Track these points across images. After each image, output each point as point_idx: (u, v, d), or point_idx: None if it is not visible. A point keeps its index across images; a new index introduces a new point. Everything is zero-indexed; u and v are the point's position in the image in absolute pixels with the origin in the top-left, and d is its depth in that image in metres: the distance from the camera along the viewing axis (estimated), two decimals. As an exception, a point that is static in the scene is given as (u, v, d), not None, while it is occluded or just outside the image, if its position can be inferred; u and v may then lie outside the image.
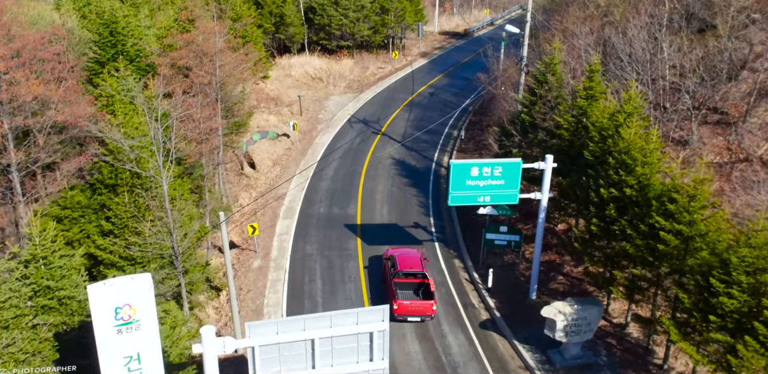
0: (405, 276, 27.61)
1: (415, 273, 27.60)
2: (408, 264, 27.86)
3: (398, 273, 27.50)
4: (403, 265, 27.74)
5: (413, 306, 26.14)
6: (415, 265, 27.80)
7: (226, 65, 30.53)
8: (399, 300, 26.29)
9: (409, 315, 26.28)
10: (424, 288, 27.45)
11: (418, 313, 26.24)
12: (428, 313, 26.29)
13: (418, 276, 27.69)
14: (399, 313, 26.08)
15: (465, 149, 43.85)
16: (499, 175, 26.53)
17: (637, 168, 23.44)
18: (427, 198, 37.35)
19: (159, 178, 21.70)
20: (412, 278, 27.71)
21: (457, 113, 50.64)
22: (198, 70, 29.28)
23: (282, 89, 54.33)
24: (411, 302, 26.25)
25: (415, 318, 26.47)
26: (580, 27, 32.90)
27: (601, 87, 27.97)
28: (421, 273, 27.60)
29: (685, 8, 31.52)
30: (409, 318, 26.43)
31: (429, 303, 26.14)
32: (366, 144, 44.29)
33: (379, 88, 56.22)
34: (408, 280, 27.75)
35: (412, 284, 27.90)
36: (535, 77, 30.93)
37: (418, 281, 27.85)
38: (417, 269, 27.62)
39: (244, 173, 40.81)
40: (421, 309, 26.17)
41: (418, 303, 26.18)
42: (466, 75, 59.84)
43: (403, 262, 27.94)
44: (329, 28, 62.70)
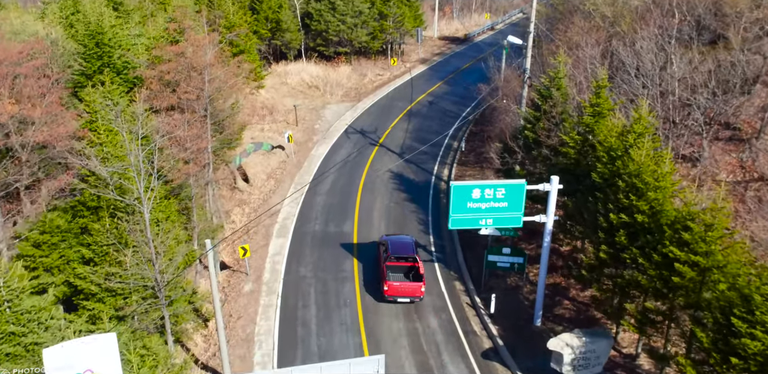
0: (396, 260, 28.84)
1: (406, 257, 28.85)
2: (399, 248, 29.25)
3: (390, 257, 28.72)
4: (395, 249, 29.06)
5: (402, 288, 27.52)
6: (406, 249, 29.15)
7: (216, 79, 29.13)
8: (389, 281, 27.65)
9: (398, 296, 27.60)
10: (414, 272, 28.67)
11: (407, 294, 27.61)
12: (417, 294, 27.59)
13: (409, 260, 28.91)
14: (389, 294, 27.52)
15: (465, 162, 42.50)
16: (502, 197, 25.19)
17: (648, 192, 22.09)
18: (426, 215, 35.98)
19: (140, 206, 20.29)
20: (403, 262, 28.92)
21: (457, 123, 49.30)
22: (186, 85, 27.89)
23: (277, 98, 52.95)
24: (400, 283, 27.62)
25: (405, 299, 27.71)
26: (586, 38, 31.55)
27: (609, 103, 26.64)
28: (412, 257, 28.81)
29: (695, 19, 30.17)
30: (398, 299, 27.67)
31: (418, 284, 27.54)
32: (363, 156, 42.91)
33: (377, 97, 54.87)
34: (399, 264, 28.95)
35: (402, 267, 29.07)
36: (539, 92, 29.58)
37: (408, 264, 29.03)
38: (408, 253, 28.91)
39: (238, 187, 39.43)
40: (410, 291, 27.58)
41: (407, 285, 27.60)
42: (466, 82, 58.53)
43: (395, 247, 29.32)
44: (326, 34, 61.35)
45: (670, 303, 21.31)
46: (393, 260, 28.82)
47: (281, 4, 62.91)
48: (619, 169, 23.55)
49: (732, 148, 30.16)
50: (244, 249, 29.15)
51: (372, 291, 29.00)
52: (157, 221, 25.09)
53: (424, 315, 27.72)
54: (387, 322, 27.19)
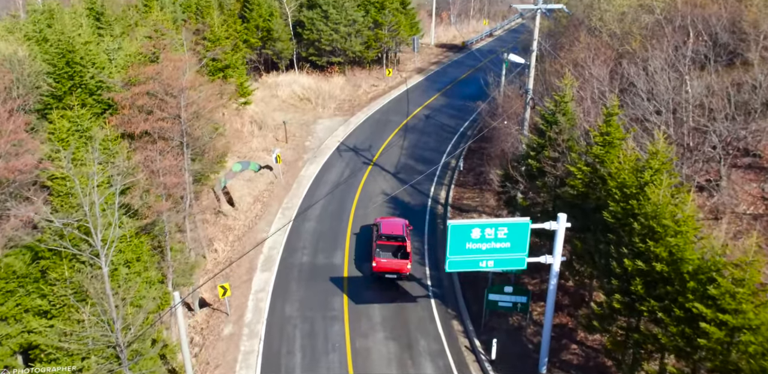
0: (387, 239, 30.75)
1: (396, 237, 30.78)
2: (390, 229, 31.18)
3: (381, 236, 30.74)
4: (386, 230, 31.05)
5: (390, 264, 29.47)
6: (396, 230, 31.06)
7: (194, 104, 26.82)
8: (377, 258, 29.58)
9: (386, 272, 29.61)
10: (402, 251, 30.46)
11: (394, 270, 29.56)
12: (403, 271, 29.62)
13: (398, 240, 30.75)
14: (377, 270, 29.54)
15: (464, 182, 40.22)
16: (504, 237, 22.99)
17: (668, 238, 19.85)
18: (422, 243, 33.71)
19: (97, 260, 18.00)
20: (393, 241, 30.74)
21: (454, 139, 47.07)
22: (160, 111, 25.59)
23: (267, 112, 50.64)
24: (388, 260, 29.59)
25: (392, 275, 29.72)
26: (593, 57, 29.31)
27: (620, 132, 24.36)
28: (401, 237, 30.71)
29: (711, 38, 27.93)
30: (386, 275, 29.70)
31: (404, 262, 29.57)
32: (356, 176, 40.63)
33: (372, 110, 52.59)
34: (389, 243, 30.74)
35: (391, 246, 30.76)
36: (543, 116, 27.31)
37: (397, 244, 30.77)
38: (397, 233, 30.85)
39: (222, 212, 37.13)
40: (397, 267, 29.52)
41: (394, 262, 29.57)
42: (464, 94, 56.34)
43: (386, 227, 31.28)
44: (319, 44, 59.09)
45: (694, 364, 19.06)
46: (383, 239, 30.73)
47: (272, 12, 60.73)
48: (634, 208, 21.32)
49: (752, 176, 27.96)
50: (224, 288, 26.86)
51: (362, 332, 26.74)
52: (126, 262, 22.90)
53: (420, 361, 25.47)
54: (378, 369, 24.94)
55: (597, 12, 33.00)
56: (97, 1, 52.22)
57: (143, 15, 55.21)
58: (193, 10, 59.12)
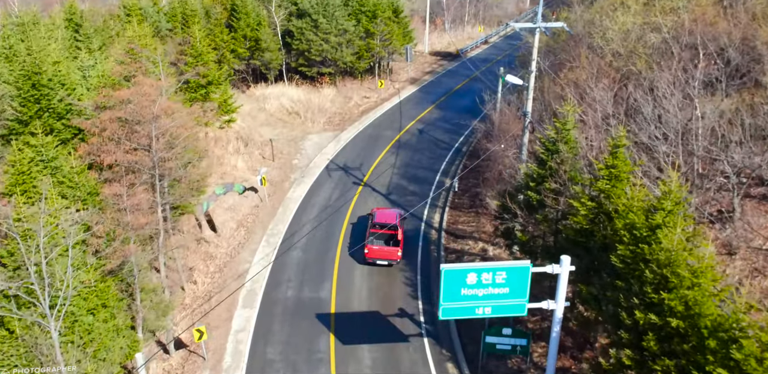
0: (380, 228, 32.06)
1: (389, 226, 32.11)
2: (383, 218, 32.84)
3: (374, 225, 32.29)
4: (379, 219, 32.71)
5: (381, 251, 31.24)
6: (389, 220, 32.58)
7: (168, 132, 24.81)
8: (369, 245, 31.29)
9: (377, 259, 31.33)
10: (393, 239, 32.22)
11: (384, 257, 31.31)
12: (393, 258, 31.32)
13: (390, 229, 32.08)
14: (369, 256, 31.33)
15: (459, 205, 38.28)
16: (503, 282, 21.00)
17: (683, 290, 17.96)
18: (414, 273, 31.77)
19: (46, 325, 15.99)
20: (387, 230, 31.99)
21: (449, 156, 45.15)
22: (129, 142, 23.58)
23: (254, 127, 48.65)
24: (380, 248, 31.32)
25: (383, 262, 31.38)
26: (595, 78, 27.42)
27: (628, 165, 22.47)
28: (393, 225, 32.16)
29: (723, 60, 26.05)
30: (377, 261, 31.36)
31: (395, 249, 31.26)
32: (345, 198, 38.66)
33: (363, 124, 50.62)
34: (382, 231, 32.07)
35: (384, 235, 32.29)
36: (543, 144, 25.40)
37: (389, 232, 32.20)
38: (390, 222, 32.30)
39: (204, 238, 35.11)
40: (387, 255, 31.28)
41: (385, 249, 31.29)
42: (459, 106, 54.50)
43: (380, 217, 33.02)
44: (309, 54, 57.09)
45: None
46: (377, 228, 32.17)
47: (260, 21, 58.77)
48: (645, 253, 19.41)
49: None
50: (200, 332, 24.84)
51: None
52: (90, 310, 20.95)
53: (411, 412, 23.52)
54: (367, 422, 22.99)
55: (599, 29, 31.11)
56: (77, 11, 50.31)
57: (125, 25, 53.24)
58: (179, 20, 57.22)
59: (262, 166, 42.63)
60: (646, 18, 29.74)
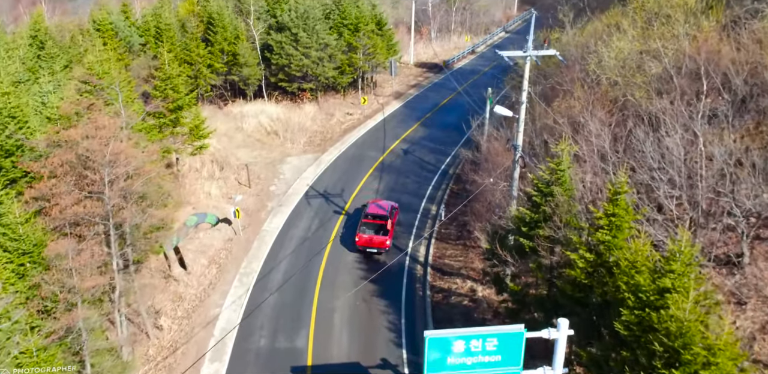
0: (373, 218, 34.25)
1: (379, 216, 34.32)
2: (375, 209, 35.00)
3: (367, 215, 34.47)
4: (372, 210, 34.90)
5: (370, 240, 33.04)
6: (381, 211, 34.77)
7: (125, 176, 22.44)
8: (360, 233, 33.25)
9: (367, 247, 33.12)
10: (383, 229, 33.85)
11: (374, 245, 33.12)
12: (383, 246, 33.16)
13: (382, 219, 34.09)
14: (359, 244, 33.18)
15: (446, 236, 36.08)
16: (494, 350, 18.84)
17: (696, 366, 15.86)
18: (398, 316, 29.54)
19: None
20: (378, 220, 34.11)
21: (435, 179, 42.97)
22: (79, 190, 21.20)
23: (230, 149, 46.32)
24: (369, 236, 33.16)
25: (372, 250, 33.21)
26: (591, 109, 25.35)
27: (630, 213, 20.37)
28: (384, 216, 34.24)
29: (730, 92, 24.00)
30: (367, 249, 33.20)
31: (384, 238, 33.15)
32: (326, 230, 36.37)
33: (345, 144, 48.35)
34: (373, 221, 34.12)
35: (375, 225, 34.04)
36: (536, 186, 23.27)
37: (380, 223, 34.01)
38: (381, 213, 34.48)
39: (173, 276, 32.74)
40: (377, 243, 33.10)
41: (375, 238, 33.15)
42: (445, 123, 52.46)
43: (372, 208, 35.18)
44: (289, 69, 54.77)
45: None
46: (369, 218, 34.26)
47: (238, 35, 56.46)
48: (653, 320, 17.31)
49: (779, 252, 24.06)
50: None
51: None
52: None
53: None
54: None
55: (593, 55, 28.99)
56: (42, 28, 47.75)
57: (92, 43, 50.77)
58: (152, 34, 54.80)
59: (237, 193, 40.30)
60: (644, 44, 27.69)
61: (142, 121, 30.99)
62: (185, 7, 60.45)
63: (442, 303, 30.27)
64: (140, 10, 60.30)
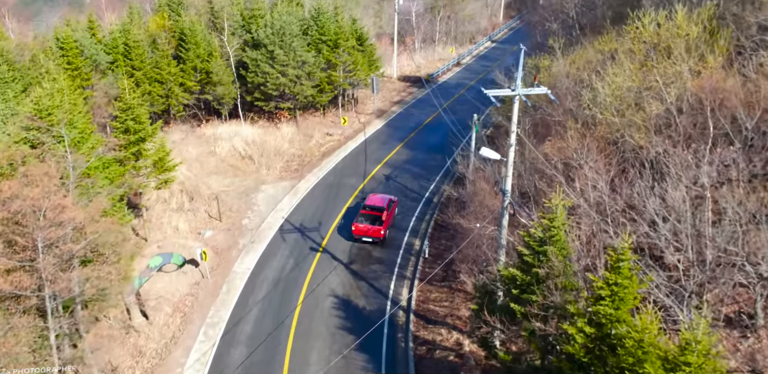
0: (371, 210, 36.33)
1: (377, 208, 36.35)
2: (373, 202, 37.08)
3: (365, 207, 36.58)
4: (369, 202, 37.04)
5: (366, 229, 35.20)
6: (378, 203, 36.78)
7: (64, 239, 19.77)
8: (356, 223, 35.42)
9: (363, 236, 35.38)
10: (379, 220, 35.87)
11: (369, 235, 35.29)
12: (377, 236, 35.27)
13: (378, 211, 36.18)
14: (355, 233, 35.41)
15: (431, 277, 33.55)
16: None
17: None
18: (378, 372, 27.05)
19: None
20: (375, 212, 36.18)
21: (419, 209, 40.50)
22: (7, 259, 18.51)
23: (201, 176, 43.61)
24: (365, 226, 35.23)
25: (368, 239, 35.40)
26: (585, 150, 23.01)
27: (635, 283, 18.00)
28: (380, 208, 36.28)
29: (741, 139, 21.67)
30: (363, 238, 35.42)
31: (378, 228, 35.15)
32: (301, 270, 33.82)
33: (324, 170, 45.78)
34: (370, 213, 36.20)
35: (371, 215, 36.11)
36: (528, 245, 20.86)
37: (376, 214, 36.09)
38: (378, 205, 36.50)
39: (133, 326, 30.05)
40: (372, 232, 35.22)
41: (370, 227, 35.21)
42: (429, 144, 50.19)
43: (370, 200, 37.35)
44: (265, 88, 52.13)
45: None
46: (366, 210, 36.35)
47: (212, 52, 53.70)
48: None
49: (796, 313, 21.79)
50: None
51: None
52: None
53: None
54: None
55: (587, 90, 26.57)
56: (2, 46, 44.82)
57: (59, 59, 47.94)
58: (120, 51, 51.97)
59: (207, 228, 37.70)
60: (644, 80, 25.37)
61: (100, 155, 28.28)
62: (156, 21, 57.57)
63: (426, 358, 27.82)
64: (108, 26, 57.36)
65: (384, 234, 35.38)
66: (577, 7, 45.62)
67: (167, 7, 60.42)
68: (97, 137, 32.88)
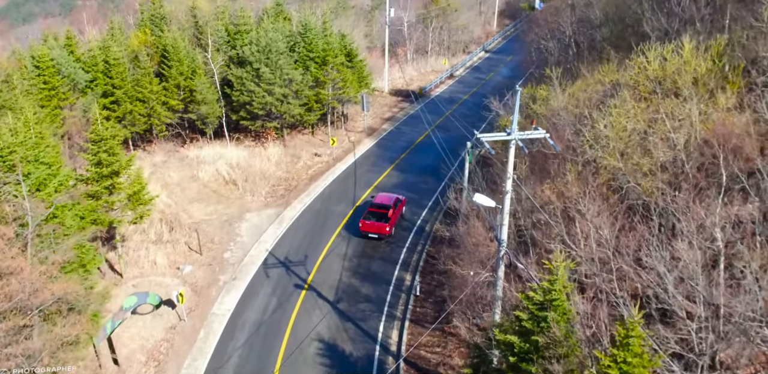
0: (378, 208, 38.09)
1: (384, 206, 38.14)
2: (380, 200, 39.02)
3: (373, 205, 38.42)
4: (377, 201, 38.94)
5: (372, 226, 36.91)
6: (384, 202, 38.63)
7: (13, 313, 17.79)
8: (363, 220, 37.15)
9: (369, 232, 37.07)
10: (385, 217, 37.42)
11: (375, 231, 37.04)
12: (383, 232, 36.98)
13: (384, 209, 37.91)
14: (362, 230, 37.20)
15: (422, 316, 31.77)
16: None
17: None
18: (366, 431, 25.20)
19: None
20: (379, 210, 37.95)
21: (410, 239, 38.65)
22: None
23: (183, 203, 41.71)
24: (371, 223, 36.91)
25: (374, 235, 37.15)
26: (587, 200, 21.22)
27: (646, 361, 16.22)
28: (387, 206, 38.05)
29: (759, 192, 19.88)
30: (369, 234, 37.14)
31: (384, 224, 36.84)
32: (284, 310, 31.92)
33: (311, 196, 43.86)
34: (377, 210, 37.96)
35: (378, 213, 37.84)
36: (527, 309, 19.04)
37: (382, 212, 37.79)
38: (385, 204, 38.32)
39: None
40: (377, 228, 36.98)
41: (375, 224, 36.92)
42: (421, 166, 48.44)
43: (378, 199, 39.26)
44: (250, 107, 50.24)
45: None
46: (373, 207, 38.24)
47: (195, 69, 51.76)
48: None
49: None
50: None
51: None
52: None
53: None
54: None
55: (588, 130, 24.67)
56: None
57: (35, 79, 46.01)
58: (100, 69, 49.99)
59: (186, 262, 35.75)
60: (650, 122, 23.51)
61: (62, 203, 26.31)
62: (138, 36, 55.62)
63: (417, 413, 25.98)
64: (88, 43, 55.29)
65: (390, 231, 37.22)
66: (574, 25, 43.89)
67: (149, 22, 58.44)
68: (67, 172, 30.94)
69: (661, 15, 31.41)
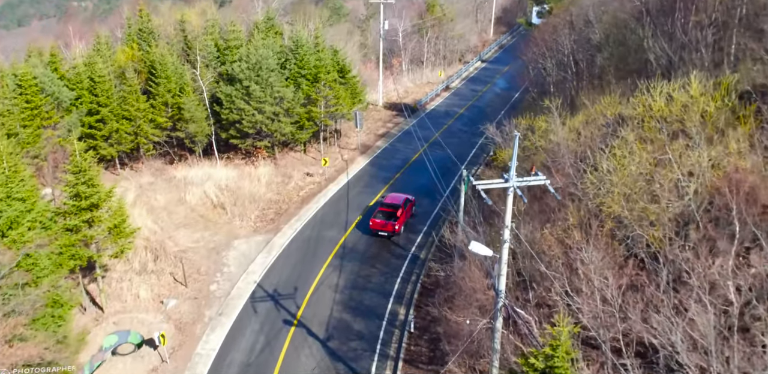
0: (387, 207, 39.83)
1: (392, 205, 39.89)
2: (390, 200, 40.77)
3: (383, 204, 40.27)
4: (387, 200, 40.74)
5: (382, 224, 38.76)
6: (394, 201, 40.36)
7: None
8: (373, 218, 39.09)
9: (379, 230, 38.94)
10: (394, 216, 39.10)
11: (384, 229, 38.83)
12: (391, 230, 38.73)
13: (394, 208, 39.58)
14: (372, 228, 39.05)
15: (415, 355, 30.37)
16: None
17: None
18: None
19: None
20: (390, 209, 39.68)
21: (404, 268, 37.28)
22: None
23: (169, 228, 40.26)
24: (381, 221, 38.80)
25: (383, 233, 38.98)
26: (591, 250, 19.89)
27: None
28: (397, 205, 39.72)
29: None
30: (379, 232, 39.01)
31: (393, 223, 38.61)
32: (272, 350, 30.49)
33: (302, 221, 42.43)
34: (386, 209, 39.73)
35: (387, 212, 39.56)
36: (528, 364, 17.69)
37: (391, 211, 39.50)
38: (395, 203, 40.04)
39: (80, 425, 26.65)
40: (387, 227, 38.78)
41: (385, 222, 38.76)
42: (416, 185, 47.11)
43: (388, 199, 41.04)
44: (240, 126, 48.85)
45: None
46: (384, 207, 39.84)
47: (183, 86, 50.36)
48: None
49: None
50: None
51: None
52: None
53: None
54: None
55: (590, 172, 23.31)
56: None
57: (16, 99, 44.52)
58: (85, 87, 48.57)
59: (171, 295, 34.32)
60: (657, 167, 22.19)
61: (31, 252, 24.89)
62: (125, 52, 54.12)
63: None
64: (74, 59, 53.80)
65: (398, 229, 38.86)
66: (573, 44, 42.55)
67: (137, 36, 56.97)
68: (43, 205, 29.53)
69: (663, 40, 30.16)
